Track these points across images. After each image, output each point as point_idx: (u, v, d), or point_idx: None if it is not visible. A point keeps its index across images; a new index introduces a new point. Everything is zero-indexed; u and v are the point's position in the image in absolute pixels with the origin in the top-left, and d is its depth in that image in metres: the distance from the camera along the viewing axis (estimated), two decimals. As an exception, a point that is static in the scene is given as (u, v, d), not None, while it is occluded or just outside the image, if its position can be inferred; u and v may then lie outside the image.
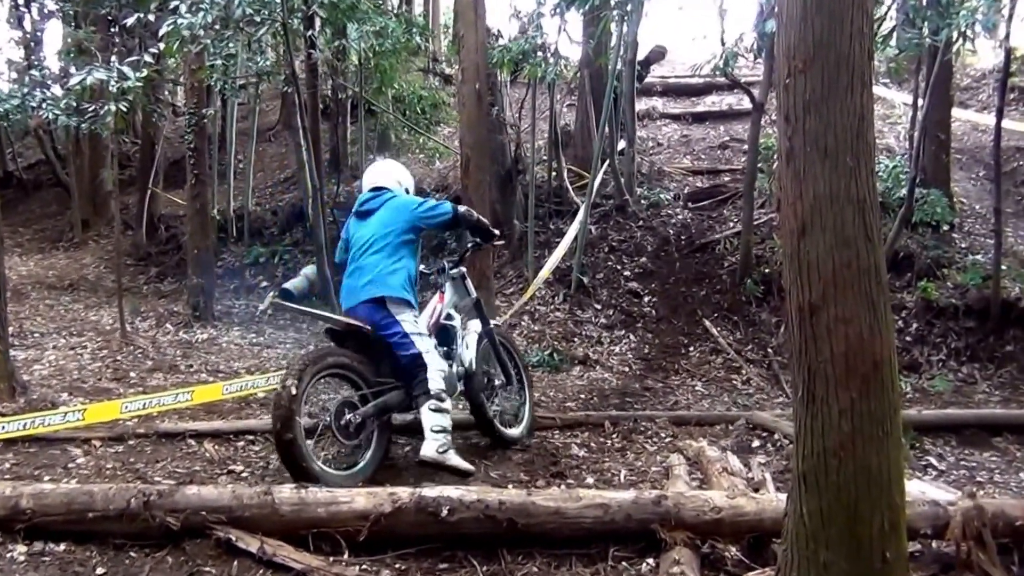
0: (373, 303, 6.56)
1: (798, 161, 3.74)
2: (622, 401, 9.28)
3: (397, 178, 7.16)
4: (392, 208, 6.80)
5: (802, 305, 3.73)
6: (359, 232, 6.87)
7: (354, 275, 6.74)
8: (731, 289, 12.14)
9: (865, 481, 3.68)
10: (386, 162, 7.56)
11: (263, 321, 13.77)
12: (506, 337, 7.99)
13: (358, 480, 6.09)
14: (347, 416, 6.27)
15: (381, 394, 6.51)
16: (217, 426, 7.79)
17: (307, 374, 6.07)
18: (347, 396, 6.47)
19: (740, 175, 15.09)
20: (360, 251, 6.76)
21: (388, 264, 6.61)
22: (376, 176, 7.15)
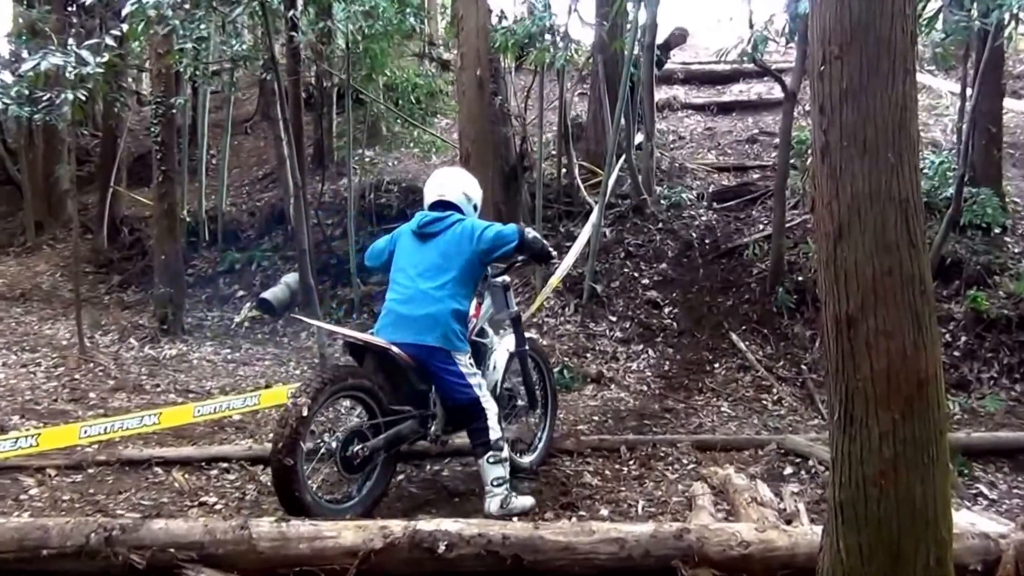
0: (432, 348, 6.51)
1: (834, 156, 3.76)
2: (640, 424, 9.30)
3: (465, 191, 7.02)
4: (456, 238, 6.69)
5: (839, 317, 3.75)
6: (416, 255, 6.79)
7: (409, 303, 6.64)
8: (761, 299, 12.14)
9: (909, 512, 3.69)
10: (453, 171, 7.40)
11: (239, 335, 13.80)
12: (541, 355, 8.05)
13: (352, 515, 6.08)
14: (355, 447, 6.27)
15: (394, 424, 6.53)
16: (187, 453, 7.81)
17: (323, 394, 6.05)
18: (358, 424, 6.49)
19: (770, 172, 15.09)
20: (416, 277, 6.67)
21: (450, 305, 6.56)
22: (440, 187, 7.01)
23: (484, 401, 6.56)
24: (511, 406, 7.50)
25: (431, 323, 6.49)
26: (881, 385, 3.67)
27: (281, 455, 5.78)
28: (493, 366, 7.22)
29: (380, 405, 6.47)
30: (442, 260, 6.64)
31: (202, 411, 8.36)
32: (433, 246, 6.72)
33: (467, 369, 6.59)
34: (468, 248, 6.63)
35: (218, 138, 18.66)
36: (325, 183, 16.90)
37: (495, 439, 6.48)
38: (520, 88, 17.38)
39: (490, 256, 6.73)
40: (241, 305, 15.03)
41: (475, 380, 6.59)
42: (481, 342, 7.22)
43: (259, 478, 7.26)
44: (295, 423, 5.81)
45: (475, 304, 7.20)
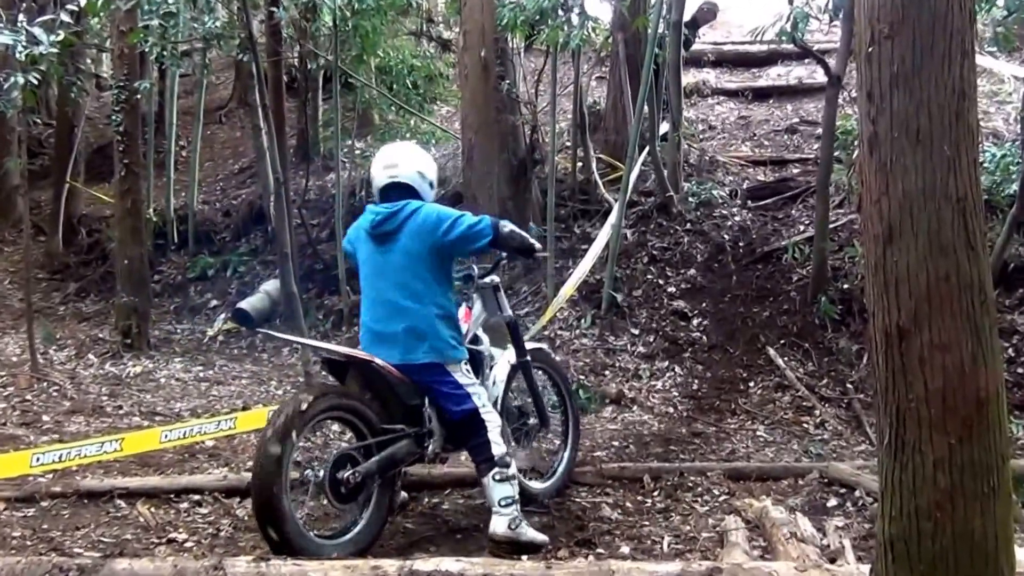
0: (423, 365, 6.53)
1: (883, 149, 3.77)
2: (665, 450, 9.31)
3: (418, 168, 6.90)
4: (415, 233, 6.57)
5: (889, 329, 3.76)
6: (377, 261, 6.72)
7: (386, 320, 6.62)
8: (801, 309, 12.15)
9: (967, 548, 3.70)
10: (401, 148, 7.24)
11: (212, 350, 13.83)
12: (555, 368, 8.10)
13: (351, 552, 6.06)
14: (345, 473, 6.21)
15: (387, 444, 6.48)
16: (154, 483, 7.81)
17: (306, 416, 6.04)
18: (345, 448, 6.47)
19: (812, 166, 15.10)
20: (385, 288, 6.65)
21: (432, 311, 6.54)
22: (390, 168, 6.86)
23: (484, 412, 6.55)
24: (520, 425, 7.54)
25: (415, 338, 6.50)
26: (936, 405, 3.68)
27: (262, 485, 5.78)
28: (493, 380, 7.24)
29: (369, 425, 6.44)
30: (407, 261, 6.56)
31: (170, 436, 8.38)
32: (394, 248, 6.62)
33: (464, 378, 6.60)
34: (432, 240, 6.54)
35: (189, 127, 18.72)
36: (310, 178, 16.95)
37: (499, 454, 6.44)
38: (530, 71, 17.41)
39: (459, 252, 6.75)
40: (215, 316, 15.07)
41: (473, 389, 6.60)
42: (476, 349, 7.21)
43: (235, 512, 7.28)
44: (277, 449, 5.79)
45: (464, 309, 7.24)
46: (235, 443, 9.13)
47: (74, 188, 18.06)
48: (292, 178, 16.01)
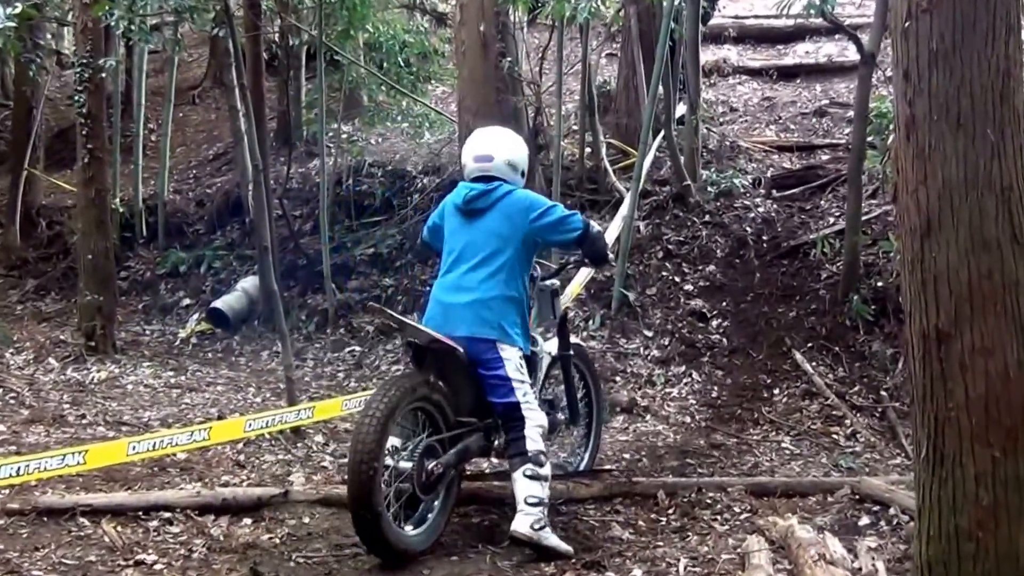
0: (482, 340, 6.98)
1: (921, 133, 3.77)
2: (681, 463, 9.33)
3: (509, 159, 7.34)
4: (506, 213, 7.12)
5: (927, 331, 3.76)
6: (462, 235, 7.25)
7: (457, 291, 7.11)
8: (831, 309, 12.15)
9: (1011, 571, 3.71)
10: (492, 135, 7.66)
11: (184, 354, 13.84)
12: (587, 362, 8.57)
13: (430, 540, 6.75)
14: (430, 464, 6.74)
15: (461, 437, 7.04)
16: (120, 500, 7.80)
17: (398, 409, 6.52)
18: (428, 440, 6.85)
19: (843, 153, 15.10)
20: (464, 262, 7.15)
21: (504, 291, 7.05)
22: (480, 157, 7.34)
23: (526, 408, 6.96)
24: (548, 418, 7.67)
25: (483, 313, 6.97)
26: (978, 415, 3.68)
27: (363, 499, 6.26)
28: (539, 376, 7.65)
29: (446, 417, 6.93)
30: (492, 240, 7.09)
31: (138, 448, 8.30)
32: (481, 224, 7.15)
33: (515, 372, 6.99)
34: (523, 223, 7.07)
35: (159, 109, 18.72)
36: (292, 165, 16.85)
37: (534, 450, 6.84)
38: (534, 48, 17.40)
39: (548, 238, 7.25)
40: (187, 317, 15.07)
41: (519, 385, 6.99)
42: (532, 350, 7.53)
43: (209, 531, 7.28)
44: (370, 456, 6.28)
45: None
46: (209, 456, 9.14)
47: (33, 176, 18.01)
48: (272, 165, 15.98)
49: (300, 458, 9.28)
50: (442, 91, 20.35)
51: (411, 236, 14.44)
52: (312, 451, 9.45)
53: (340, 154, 16.63)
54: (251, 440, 9.39)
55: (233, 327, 14.36)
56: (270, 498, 7.70)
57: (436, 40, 21.34)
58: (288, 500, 7.71)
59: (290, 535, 6.81)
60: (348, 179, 16.09)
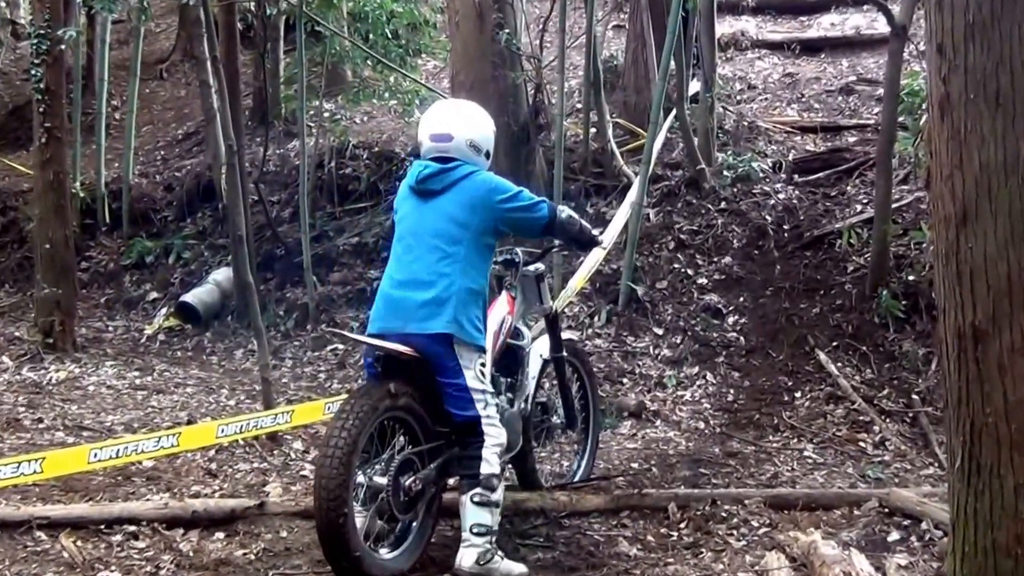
0: (434, 337, 6.71)
1: (957, 113, 3.77)
2: (694, 473, 9.33)
3: (471, 138, 7.08)
4: (466, 195, 6.86)
5: (962, 329, 3.76)
6: (414, 219, 7.00)
7: (406, 285, 6.84)
8: (858, 305, 12.15)
9: (1054, 591, 3.71)
10: (457, 106, 7.57)
11: (151, 352, 13.84)
12: (582, 361, 8.51)
13: (407, 563, 6.62)
14: (407, 480, 6.62)
15: (441, 450, 6.88)
16: (81, 512, 7.79)
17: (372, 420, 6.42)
18: (405, 453, 6.74)
19: (872, 134, 15.11)
20: (415, 249, 6.89)
21: (461, 282, 6.75)
22: (437, 136, 7.07)
23: (487, 423, 6.74)
24: (541, 421, 7.84)
25: (436, 307, 6.69)
26: (1018, 420, 3.68)
27: (330, 509, 6.15)
28: (528, 375, 7.56)
29: (423, 425, 6.80)
30: (449, 225, 6.81)
31: (101, 455, 8.30)
32: (436, 207, 6.88)
33: (475, 382, 6.76)
34: (486, 206, 6.84)
35: (123, 84, 18.72)
36: (269, 147, 16.89)
37: (487, 474, 6.63)
38: (534, 19, 17.41)
39: (515, 225, 7.06)
40: (154, 312, 15.09)
41: (480, 396, 6.77)
42: (516, 344, 7.54)
43: (178, 546, 7.28)
44: (341, 466, 6.18)
45: (506, 297, 7.56)
46: (178, 464, 9.13)
47: (-15, 158, 18.07)
48: (247, 146, 16.00)
49: (277, 467, 9.27)
50: (433, 66, 20.36)
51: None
52: (290, 459, 9.44)
53: (322, 134, 16.64)
54: (224, 447, 9.38)
55: (204, 323, 14.37)
56: (244, 510, 7.67)
57: (427, 10, 21.30)
58: (264, 512, 7.68)
59: (266, 550, 6.80)
60: (330, 162, 16.09)
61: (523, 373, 7.53)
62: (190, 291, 14.66)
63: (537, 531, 7.50)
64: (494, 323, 7.29)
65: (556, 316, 7.93)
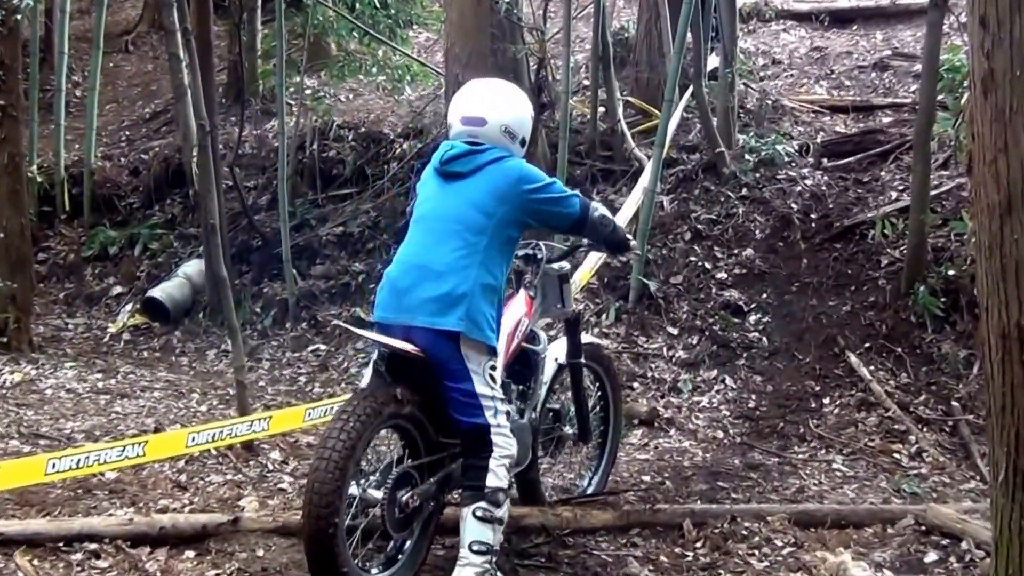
0: (441, 334, 6.63)
1: (1002, 92, 3.76)
2: (712, 487, 9.33)
3: (505, 123, 7.02)
4: (494, 181, 6.80)
5: (1007, 329, 3.76)
6: (434, 202, 6.96)
7: (419, 273, 6.77)
8: (892, 302, 12.14)
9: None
10: (493, 86, 7.41)
11: (115, 353, 13.83)
12: (604, 365, 8.45)
13: None
14: (404, 495, 6.57)
15: (443, 463, 6.86)
16: (38, 528, 7.77)
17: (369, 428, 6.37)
18: (403, 465, 6.70)
19: (909, 114, 15.11)
20: (432, 234, 6.83)
21: (478, 276, 6.68)
22: (469, 119, 7.02)
23: (496, 433, 6.67)
24: (551, 428, 7.85)
25: (449, 300, 6.59)
26: (1068, 430, 3.68)
27: (320, 517, 6.13)
28: (541, 382, 7.51)
29: (425, 435, 6.76)
30: (472, 212, 6.75)
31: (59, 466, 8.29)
32: (460, 191, 6.83)
33: (485, 387, 6.68)
34: (514, 195, 6.76)
35: (85, 58, 18.71)
36: (245, 127, 16.88)
37: (494, 487, 6.57)
38: (537, -14, 17.43)
39: (543, 218, 6.95)
40: (118, 308, 15.08)
41: (490, 403, 6.70)
42: (531, 349, 7.46)
43: (144, 565, 7.29)
44: (337, 470, 6.15)
45: (524, 297, 7.48)
46: (144, 475, 9.12)
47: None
48: (221, 126, 15.99)
49: (253, 479, 9.27)
50: (426, 38, 20.37)
51: (388, 212, 14.48)
52: (268, 470, 9.44)
53: (303, 113, 16.63)
54: (194, 457, 9.37)
55: (173, 321, 14.36)
56: (217, 527, 7.64)
57: (419, -23, 21.35)
58: (238, 529, 7.65)
59: (240, 570, 6.80)
60: (312, 144, 16.09)
61: (536, 380, 7.47)
62: (158, 285, 14.65)
63: (538, 550, 7.51)
64: (509, 324, 7.22)
65: (578, 319, 7.88)
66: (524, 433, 7.15)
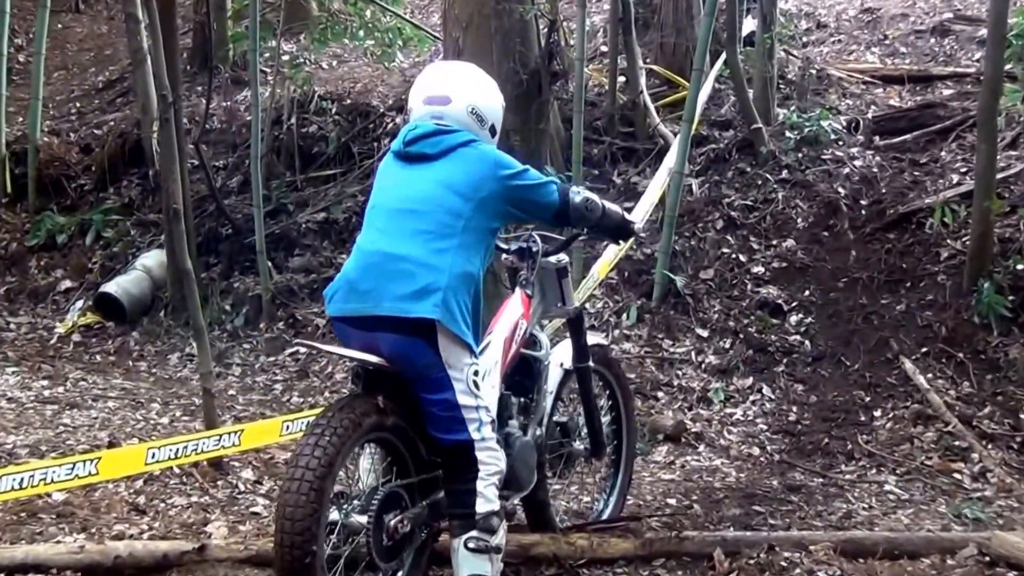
0: (408, 329, 6.42)
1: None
2: (746, 511, 9.34)
3: (474, 103, 6.93)
4: (467, 165, 6.66)
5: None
6: (398, 189, 6.78)
7: (377, 259, 6.56)
8: (953, 301, 12.14)
9: None
10: (460, 68, 7.44)
11: (63, 356, 13.85)
12: (613, 371, 8.37)
13: None
14: (392, 520, 6.42)
15: (435, 483, 6.71)
16: (-25, 555, 7.85)
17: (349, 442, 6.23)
18: (389, 485, 6.57)
19: (973, 86, 15.12)
20: (397, 221, 6.64)
21: (452, 261, 6.48)
22: (433, 99, 6.91)
23: (481, 449, 6.54)
24: (560, 447, 7.78)
25: (422, 283, 6.39)
26: None
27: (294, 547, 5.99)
28: (547, 391, 7.45)
29: (414, 451, 6.64)
30: (445, 195, 6.58)
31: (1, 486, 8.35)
32: (428, 175, 6.65)
33: (467, 397, 6.52)
34: (490, 179, 6.61)
35: (29, 18, 18.76)
36: (213, 98, 16.86)
37: (485, 512, 6.47)
38: (548, -62, 17.46)
39: (521, 206, 6.78)
40: (68, 305, 15.10)
41: (475, 415, 6.55)
42: (532, 355, 7.39)
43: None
44: (312, 492, 6.01)
45: (521, 296, 7.33)
46: (97, 497, 9.14)
47: None
48: (186, 97, 16.03)
49: (222, 501, 9.27)
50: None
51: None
52: (238, 492, 9.44)
53: (279, 83, 16.63)
54: (155, 476, 9.38)
55: (130, 320, 14.38)
56: (181, 555, 7.63)
57: (413, -74, 21.38)
58: (205, 558, 7.63)
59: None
60: (290, 117, 16.11)
61: (539, 391, 7.39)
62: (113, 280, 14.67)
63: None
64: (505, 328, 7.14)
65: (581, 317, 7.77)
66: (528, 453, 7.08)
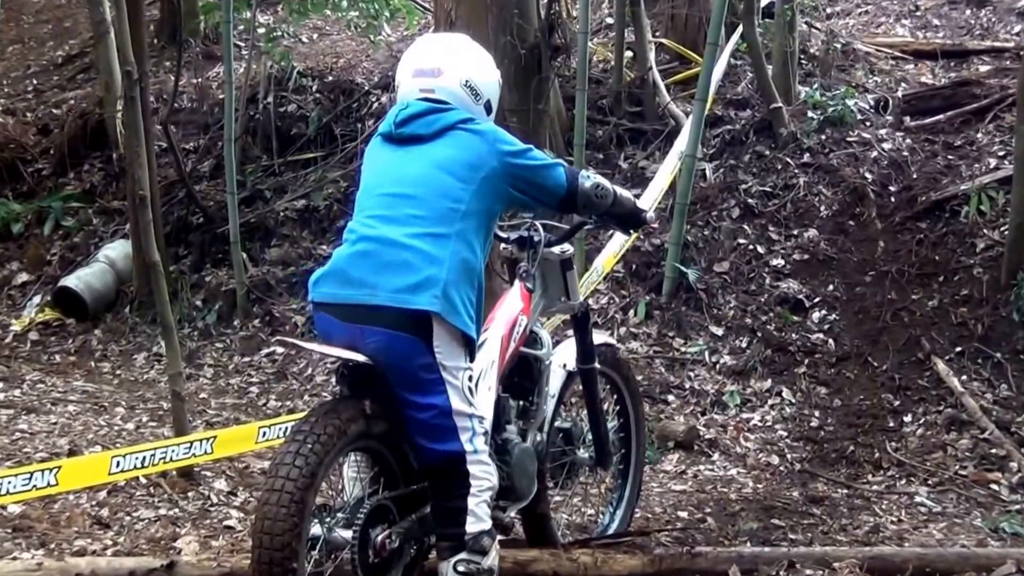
0: (404, 322, 6.35)
1: None
2: (765, 524, 9.36)
3: (468, 77, 6.84)
4: (466, 143, 6.57)
5: None
6: (390, 172, 6.70)
7: (370, 245, 6.47)
8: (990, 296, 12.14)
9: None
10: (453, 40, 7.35)
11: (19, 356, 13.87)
12: (622, 373, 8.30)
13: None
14: (379, 535, 6.36)
15: (425, 495, 6.63)
16: (-74, 573, 7.88)
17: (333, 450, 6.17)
18: (376, 497, 6.52)
19: (1012, 62, 15.13)
20: (391, 202, 6.56)
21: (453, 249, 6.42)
22: (422, 71, 6.83)
23: (473, 462, 6.48)
24: (563, 456, 7.73)
25: (419, 274, 6.30)
26: None
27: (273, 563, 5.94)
28: (548, 394, 7.39)
29: (402, 461, 6.58)
30: (445, 175, 6.49)
31: (-48, 497, 8.38)
32: (425, 155, 6.57)
33: (461, 402, 6.46)
34: (491, 158, 6.53)
35: (-19, -10, 18.80)
36: (183, 75, 16.88)
37: (475, 532, 6.44)
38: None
39: (525, 188, 6.67)
40: (24, 301, 15.12)
41: (468, 424, 6.48)
42: (533, 355, 7.34)
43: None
44: (293, 504, 5.94)
45: (521, 289, 7.25)
46: (56, 510, 9.16)
47: None
48: (153, 73, 16.03)
49: (192, 514, 9.28)
50: (409, -35, 20.41)
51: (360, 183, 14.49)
52: (210, 504, 9.46)
53: (255, 58, 16.64)
54: (119, 487, 9.39)
55: (92, 316, 14.40)
56: (147, 573, 7.63)
57: None
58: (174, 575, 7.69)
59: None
60: (267, 96, 16.12)
61: (540, 393, 7.33)
62: (73, 273, 14.69)
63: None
64: (503, 325, 7.07)
65: (586, 314, 7.67)
66: (527, 462, 7.03)
